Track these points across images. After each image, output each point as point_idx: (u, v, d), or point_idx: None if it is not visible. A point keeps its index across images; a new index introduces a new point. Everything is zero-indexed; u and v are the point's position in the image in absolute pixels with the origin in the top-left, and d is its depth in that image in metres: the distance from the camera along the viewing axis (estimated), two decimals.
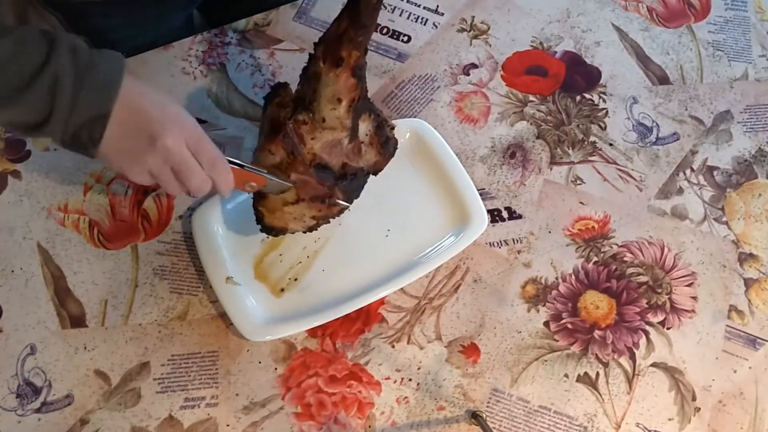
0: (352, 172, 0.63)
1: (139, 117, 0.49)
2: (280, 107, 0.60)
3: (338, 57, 0.57)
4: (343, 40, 0.56)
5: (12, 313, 0.67)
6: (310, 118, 0.59)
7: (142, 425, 0.64)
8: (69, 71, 0.46)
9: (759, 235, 0.76)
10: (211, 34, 0.79)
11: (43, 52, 0.45)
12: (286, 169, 0.60)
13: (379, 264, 0.69)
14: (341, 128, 0.60)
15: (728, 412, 0.69)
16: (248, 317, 0.65)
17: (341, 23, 0.56)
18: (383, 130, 0.65)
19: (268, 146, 0.59)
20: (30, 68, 0.45)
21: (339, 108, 0.59)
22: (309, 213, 0.63)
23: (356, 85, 0.59)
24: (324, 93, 0.58)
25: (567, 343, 0.69)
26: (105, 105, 0.47)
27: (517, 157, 0.77)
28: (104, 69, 0.48)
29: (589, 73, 0.82)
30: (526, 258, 0.73)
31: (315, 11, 0.82)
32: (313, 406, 0.65)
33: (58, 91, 0.45)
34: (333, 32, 0.57)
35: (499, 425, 0.66)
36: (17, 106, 0.46)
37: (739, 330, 0.72)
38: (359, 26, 0.56)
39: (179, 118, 0.52)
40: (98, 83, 0.47)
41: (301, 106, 0.60)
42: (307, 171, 0.60)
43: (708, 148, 0.79)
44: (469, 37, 0.82)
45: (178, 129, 0.51)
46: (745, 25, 0.87)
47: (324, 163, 0.61)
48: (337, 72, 0.57)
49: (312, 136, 0.60)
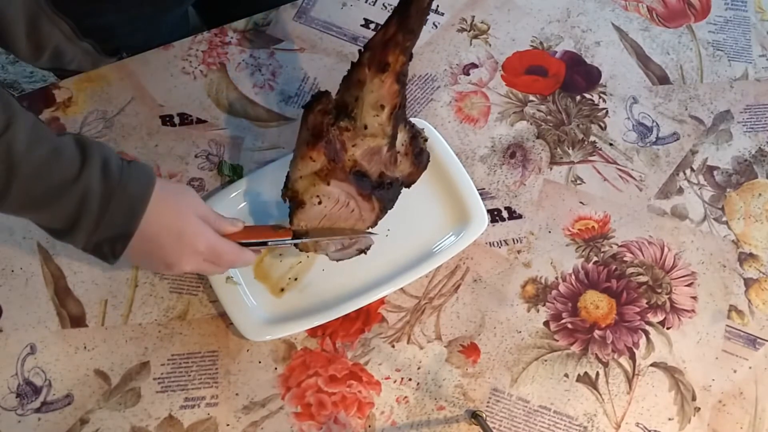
0: (389, 181, 0.64)
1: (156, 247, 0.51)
2: (323, 114, 0.60)
3: (385, 62, 0.57)
4: (389, 45, 0.57)
5: (12, 313, 0.67)
6: (353, 125, 0.60)
7: (142, 425, 0.64)
8: (97, 189, 0.46)
9: (759, 235, 0.76)
10: (211, 34, 0.79)
11: (75, 164, 0.46)
12: (325, 176, 0.60)
13: (379, 264, 0.69)
14: (383, 135, 0.61)
15: (728, 412, 0.69)
16: (248, 317, 0.65)
17: (389, 28, 0.57)
18: (417, 141, 0.66)
19: (310, 153, 0.59)
20: (61, 180, 0.45)
21: (382, 115, 0.59)
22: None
23: (399, 92, 0.59)
24: (367, 99, 0.59)
25: (567, 342, 0.69)
26: (128, 227, 0.49)
27: (517, 157, 0.77)
28: (131, 190, 0.49)
29: (589, 72, 0.82)
30: (526, 258, 0.73)
31: (315, 11, 0.82)
32: (313, 405, 0.65)
33: (85, 208, 0.47)
34: (380, 38, 0.57)
35: (499, 425, 0.66)
36: (45, 213, 0.48)
37: (739, 330, 0.72)
38: (408, 31, 0.56)
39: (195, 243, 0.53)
40: (124, 205, 0.48)
41: (343, 113, 0.60)
42: (346, 178, 0.61)
43: (708, 148, 0.79)
44: (469, 36, 0.82)
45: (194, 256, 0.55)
46: (745, 25, 0.86)
47: (363, 171, 0.61)
48: (382, 78, 0.58)
49: (353, 143, 0.60)
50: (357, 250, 0.65)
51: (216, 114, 0.76)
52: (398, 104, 0.60)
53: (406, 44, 0.57)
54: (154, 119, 0.75)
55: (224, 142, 0.74)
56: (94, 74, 0.76)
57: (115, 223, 0.48)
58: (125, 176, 0.48)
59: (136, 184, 0.49)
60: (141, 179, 0.50)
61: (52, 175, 0.45)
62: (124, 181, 0.48)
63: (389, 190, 0.64)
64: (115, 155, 0.49)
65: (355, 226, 0.65)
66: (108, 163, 0.47)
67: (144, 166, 0.51)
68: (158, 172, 0.73)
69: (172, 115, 0.75)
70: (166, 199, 0.51)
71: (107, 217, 0.47)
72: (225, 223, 0.58)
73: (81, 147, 0.47)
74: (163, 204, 0.51)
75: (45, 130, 0.46)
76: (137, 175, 0.49)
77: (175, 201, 0.51)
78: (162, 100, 0.76)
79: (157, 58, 0.77)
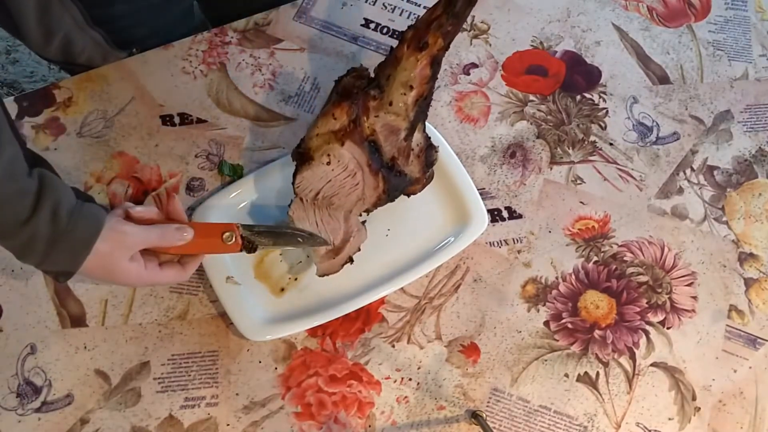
0: (398, 170, 0.65)
1: (105, 273, 0.55)
2: (357, 78, 0.63)
3: (425, 41, 0.60)
4: (432, 25, 0.59)
5: (12, 313, 0.67)
6: (380, 96, 0.62)
7: (142, 425, 0.64)
8: (44, 233, 0.50)
9: (759, 235, 0.76)
10: (212, 33, 0.79)
11: (28, 209, 0.49)
12: (342, 136, 0.62)
13: (379, 263, 0.69)
14: (404, 116, 0.63)
15: (728, 412, 0.69)
16: (248, 317, 0.65)
17: (435, 10, 0.60)
18: (431, 152, 0.68)
19: (334, 110, 0.61)
20: (15, 220, 0.49)
21: (409, 95, 0.62)
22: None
23: (429, 79, 0.62)
24: (399, 77, 0.61)
25: (567, 342, 0.69)
26: (71, 267, 0.53)
27: (517, 157, 0.77)
28: (76, 236, 0.52)
29: (589, 72, 0.82)
30: (526, 257, 0.73)
31: (315, 11, 0.82)
32: (313, 405, 0.65)
33: (31, 248, 0.50)
34: (425, 18, 0.60)
35: (499, 425, 0.66)
36: (0, 240, 0.52)
37: (739, 330, 0.72)
38: (452, 14, 0.59)
39: (127, 282, 0.57)
40: (67, 251, 0.52)
41: (375, 83, 0.63)
42: (361, 144, 0.62)
43: (708, 148, 0.79)
44: (470, 36, 0.82)
45: (135, 283, 0.58)
46: (745, 25, 0.86)
47: (378, 144, 0.63)
48: (418, 56, 0.60)
49: (376, 114, 0.63)
50: (342, 262, 0.65)
51: (216, 114, 0.76)
52: (425, 93, 0.63)
53: (448, 28, 0.59)
54: (154, 119, 0.75)
55: (224, 141, 0.74)
56: (94, 74, 0.76)
57: (58, 262, 0.52)
58: (72, 223, 0.51)
59: (82, 230, 0.52)
60: (89, 224, 0.52)
61: (7, 214, 0.48)
62: (71, 227, 0.51)
63: (396, 178, 0.65)
64: (67, 200, 0.52)
65: (354, 207, 0.65)
66: (58, 209, 0.50)
67: (95, 210, 0.54)
68: (158, 171, 0.73)
69: (172, 114, 0.75)
70: (102, 248, 0.54)
71: (52, 256, 0.51)
72: (172, 240, 0.57)
73: (39, 191, 0.50)
74: (113, 241, 0.54)
75: (20, 167, 0.49)
76: (85, 221, 0.52)
77: (110, 249, 0.54)
78: (162, 100, 0.76)
79: (157, 58, 0.77)
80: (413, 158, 0.66)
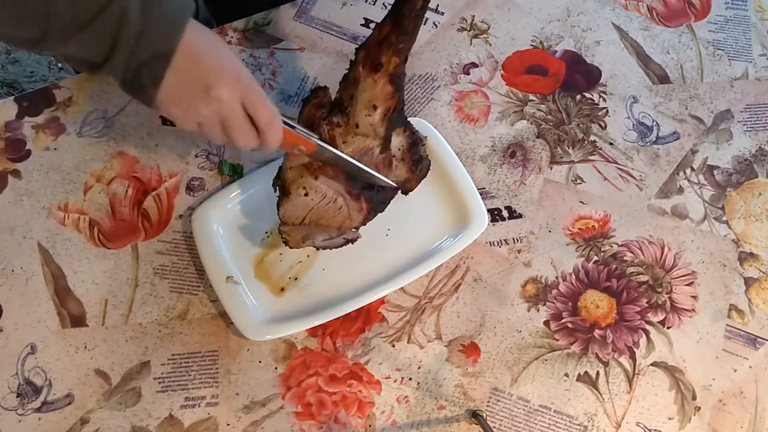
0: (379, 187, 0.63)
1: (198, 64, 0.49)
2: (317, 108, 0.60)
3: (378, 62, 0.57)
4: (383, 45, 0.57)
5: (12, 313, 0.67)
6: (345, 122, 0.60)
7: (143, 425, 0.64)
8: (136, 5, 0.45)
9: (759, 235, 0.76)
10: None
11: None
12: (315, 170, 0.60)
13: (379, 263, 0.69)
14: (374, 136, 0.60)
15: (728, 411, 0.69)
16: (248, 316, 0.65)
17: (383, 28, 0.56)
18: (417, 148, 0.66)
19: None
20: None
21: (374, 115, 0.59)
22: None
23: (393, 94, 0.59)
24: (360, 98, 0.59)
25: (567, 342, 0.69)
26: (169, 43, 0.47)
27: (517, 157, 0.77)
28: (171, 6, 0.47)
29: (589, 72, 0.82)
30: (526, 257, 0.73)
31: (315, 11, 0.82)
32: (314, 405, 0.65)
33: (124, 24, 0.45)
34: (375, 37, 0.57)
35: (500, 424, 0.66)
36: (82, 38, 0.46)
37: (740, 329, 0.72)
38: (401, 32, 0.56)
39: (237, 72, 0.52)
40: (164, 20, 0.47)
41: (337, 109, 0.60)
42: (335, 175, 0.61)
43: (708, 148, 0.79)
44: (469, 36, 0.82)
45: (234, 82, 0.51)
46: (745, 24, 0.86)
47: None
48: (375, 77, 0.57)
49: (344, 140, 0.60)
50: (344, 239, 0.64)
51: None
52: (393, 107, 0.60)
53: (399, 45, 0.57)
54: (154, 119, 0.75)
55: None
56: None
57: (155, 37, 0.47)
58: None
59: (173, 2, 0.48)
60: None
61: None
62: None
63: (379, 192, 0.64)
64: None
65: (342, 225, 0.64)
66: None
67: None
68: (158, 171, 0.73)
69: None
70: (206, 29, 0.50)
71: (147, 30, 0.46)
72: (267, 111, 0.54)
73: None
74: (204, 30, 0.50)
75: None
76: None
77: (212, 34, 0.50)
78: None
79: None
80: (397, 163, 0.65)
